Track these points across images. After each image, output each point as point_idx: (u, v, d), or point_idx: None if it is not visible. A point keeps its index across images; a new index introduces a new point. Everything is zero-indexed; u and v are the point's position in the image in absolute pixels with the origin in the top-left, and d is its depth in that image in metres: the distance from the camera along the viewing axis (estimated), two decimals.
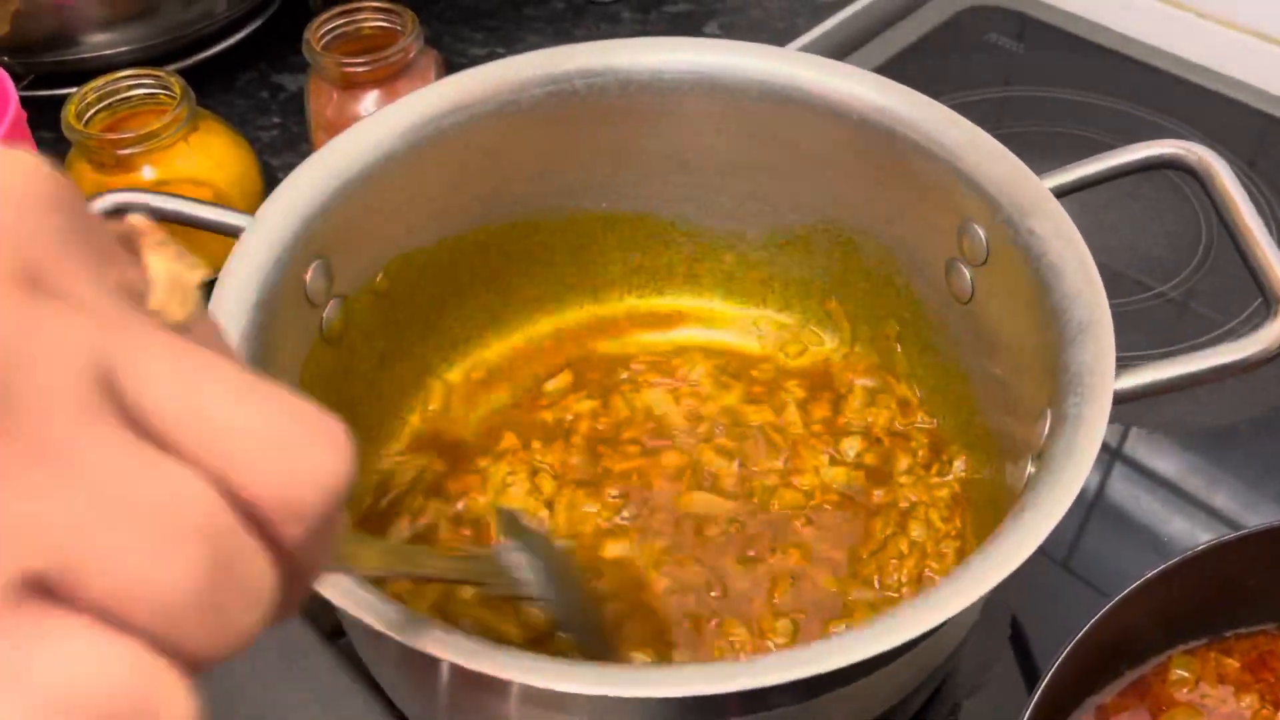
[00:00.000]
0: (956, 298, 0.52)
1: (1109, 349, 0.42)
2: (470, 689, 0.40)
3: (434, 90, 0.51)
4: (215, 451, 0.18)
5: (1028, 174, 0.48)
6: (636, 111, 0.54)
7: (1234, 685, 0.45)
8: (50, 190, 0.19)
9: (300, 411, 0.20)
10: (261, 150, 0.74)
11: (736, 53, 0.53)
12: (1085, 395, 0.40)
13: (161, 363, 0.18)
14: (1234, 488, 0.58)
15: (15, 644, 0.16)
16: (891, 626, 0.35)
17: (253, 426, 0.19)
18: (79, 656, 0.17)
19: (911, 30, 0.84)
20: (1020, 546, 0.36)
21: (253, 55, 0.81)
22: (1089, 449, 0.39)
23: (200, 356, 0.19)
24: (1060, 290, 0.44)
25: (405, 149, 0.50)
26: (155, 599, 0.17)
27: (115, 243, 0.21)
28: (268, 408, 0.19)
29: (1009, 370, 0.49)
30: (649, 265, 0.60)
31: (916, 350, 0.56)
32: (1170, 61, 0.82)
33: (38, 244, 0.18)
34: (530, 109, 0.52)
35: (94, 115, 0.62)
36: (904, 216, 0.53)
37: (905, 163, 0.51)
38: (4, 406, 0.16)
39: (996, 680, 0.50)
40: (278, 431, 0.19)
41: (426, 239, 0.53)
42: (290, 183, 0.47)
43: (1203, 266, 0.68)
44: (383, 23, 0.68)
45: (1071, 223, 0.46)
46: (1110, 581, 0.54)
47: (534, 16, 0.86)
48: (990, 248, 0.48)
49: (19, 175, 0.19)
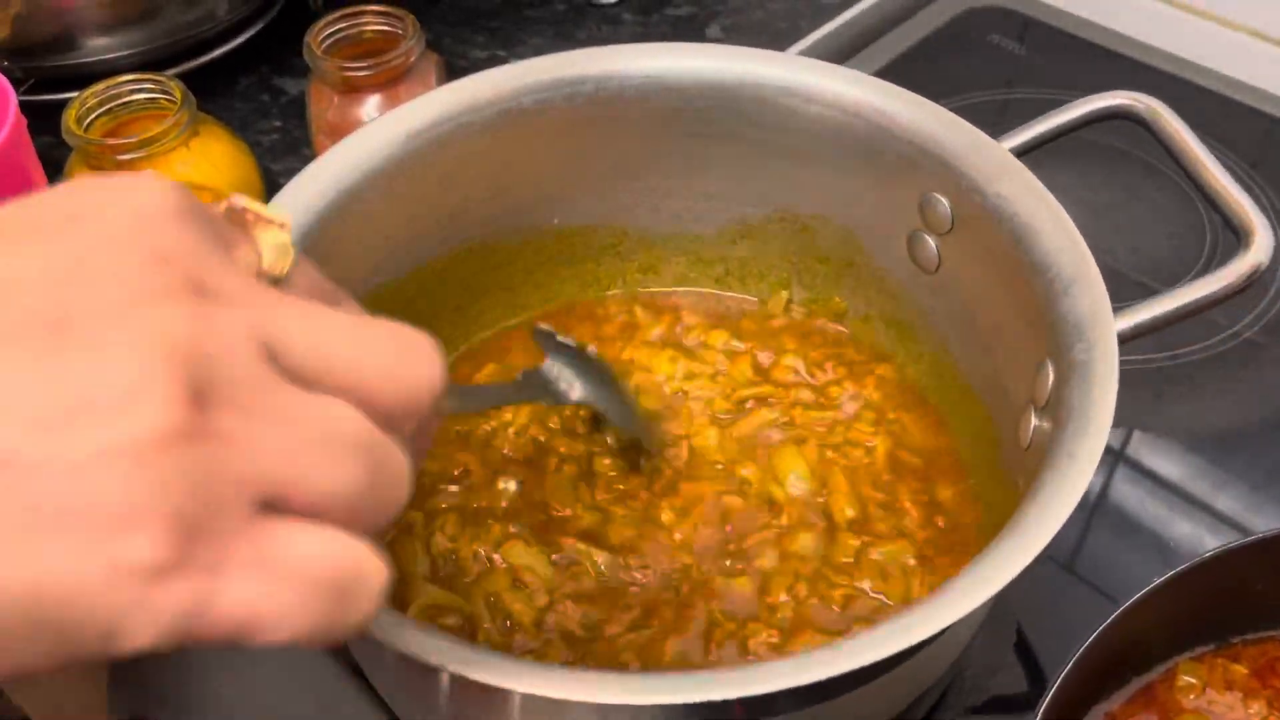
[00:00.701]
0: (923, 269, 0.53)
1: (1103, 295, 0.43)
2: (470, 697, 0.39)
3: (385, 122, 0.50)
4: (349, 383, 0.25)
5: (986, 140, 0.49)
6: (584, 122, 0.53)
7: (1242, 692, 0.45)
8: (185, 205, 0.25)
9: (398, 335, 0.26)
10: (262, 155, 0.74)
11: (680, 54, 0.53)
12: (1092, 340, 0.42)
13: (296, 326, 0.24)
14: (1239, 491, 0.58)
15: (263, 544, 0.23)
16: (907, 625, 0.34)
17: (369, 356, 0.25)
18: (306, 545, 0.23)
19: (914, 32, 0.84)
20: (1061, 504, 0.37)
21: (253, 59, 0.80)
22: (1108, 390, 0.40)
23: (315, 312, 0.25)
24: (1040, 247, 0.45)
25: (362, 186, 0.49)
26: (340, 499, 0.24)
27: (229, 227, 0.26)
28: (375, 340, 0.26)
29: (990, 331, 0.50)
30: (604, 277, 0.60)
31: (883, 325, 0.57)
32: (1172, 63, 0.82)
33: (195, 256, 0.24)
34: (481, 131, 0.52)
35: (94, 120, 0.62)
36: (862, 197, 0.54)
37: (863, 144, 0.51)
38: (210, 390, 0.22)
39: (1001, 687, 0.50)
40: (386, 357, 0.26)
41: (395, 272, 0.53)
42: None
43: (1208, 268, 0.68)
44: (384, 26, 0.67)
45: (1038, 181, 0.47)
46: (1115, 586, 0.54)
47: (535, 19, 0.86)
48: (955, 215, 0.49)
49: (162, 200, 0.24)
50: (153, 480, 0.21)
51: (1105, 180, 0.73)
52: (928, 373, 0.55)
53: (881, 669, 0.35)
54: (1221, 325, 0.65)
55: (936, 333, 0.54)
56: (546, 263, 0.58)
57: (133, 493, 0.21)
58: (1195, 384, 0.62)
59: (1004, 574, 0.35)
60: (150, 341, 0.22)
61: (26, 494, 0.21)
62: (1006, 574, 0.35)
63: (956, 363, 0.53)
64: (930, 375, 0.55)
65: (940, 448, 0.54)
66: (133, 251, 0.23)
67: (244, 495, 0.23)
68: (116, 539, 0.21)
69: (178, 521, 0.21)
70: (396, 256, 0.53)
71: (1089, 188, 0.72)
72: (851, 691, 0.38)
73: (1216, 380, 0.63)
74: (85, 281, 0.22)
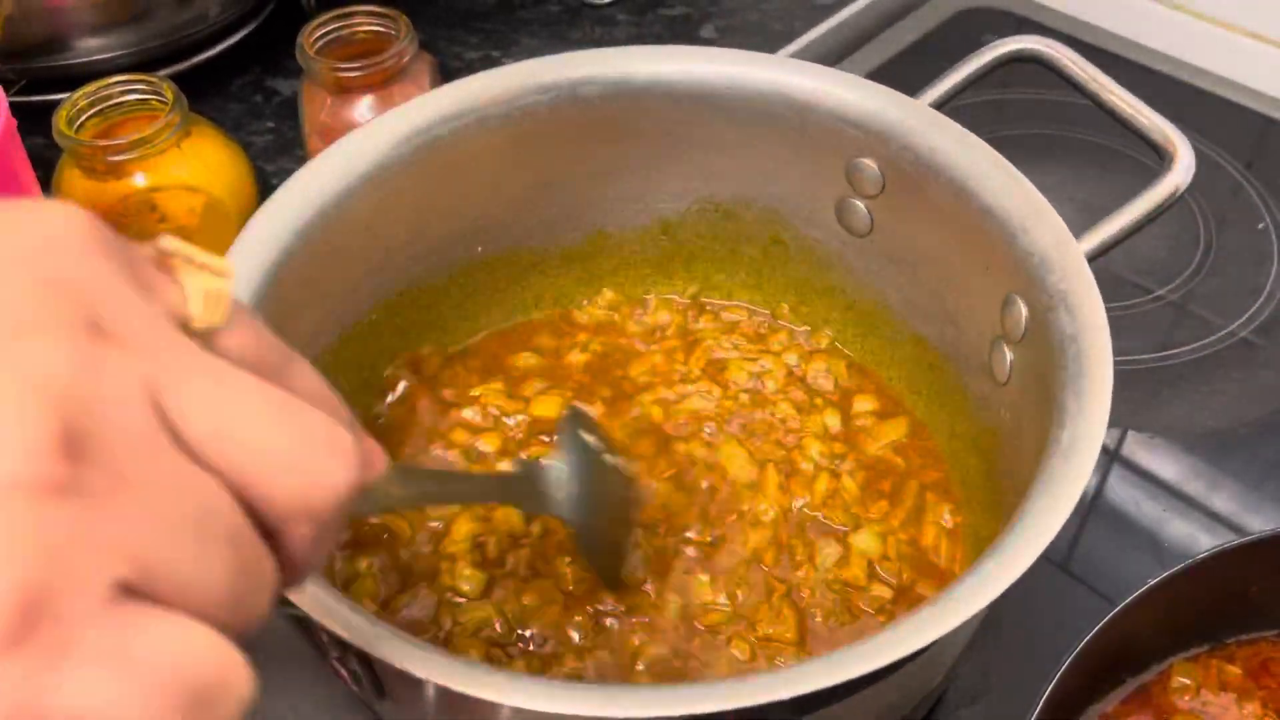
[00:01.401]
0: (854, 233, 0.54)
1: (1063, 229, 0.45)
2: (458, 709, 0.39)
3: (351, 142, 0.49)
4: (239, 466, 0.22)
5: (908, 100, 0.50)
6: (495, 150, 0.52)
7: (1236, 692, 0.45)
8: (97, 236, 0.22)
9: (314, 426, 0.23)
10: (255, 156, 0.73)
11: (586, 64, 0.52)
12: (1065, 270, 0.43)
13: (199, 387, 0.22)
14: (1234, 491, 0.58)
15: (118, 634, 0.20)
16: (915, 627, 0.34)
17: (272, 444, 0.22)
18: (168, 638, 0.20)
19: (908, 32, 0.84)
20: (1076, 474, 0.37)
21: (246, 60, 0.80)
22: (1096, 312, 0.41)
23: (230, 379, 0.23)
24: (985, 193, 0.47)
25: (332, 211, 0.48)
26: (206, 595, 0.21)
27: (154, 269, 0.23)
28: (286, 425, 0.23)
29: (937, 280, 0.51)
30: (531, 299, 0.59)
31: (816, 295, 0.57)
32: (1167, 63, 0.82)
33: (96, 291, 0.21)
34: (402, 168, 0.50)
35: (85, 121, 0.62)
36: (785, 174, 0.54)
37: (782, 122, 0.52)
38: (87, 442, 0.19)
39: (996, 688, 0.50)
40: (293, 448, 0.23)
41: (363, 304, 0.52)
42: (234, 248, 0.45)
43: (1201, 269, 0.68)
44: (377, 27, 0.67)
45: (968, 131, 0.48)
46: (1110, 586, 0.54)
47: (529, 20, 0.85)
48: (886, 177, 0.51)
49: (68, 227, 0.22)
50: (1, 534, 0.18)
51: (1099, 179, 0.73)
52: (869, 338, 0.57)
53: (873, 679, 0.34)
54: (1216, 325, 0.65)
55: (874, 292, 0.55)
56: (475, 294, 0.57)
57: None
58: (1190, 384, 0.62)
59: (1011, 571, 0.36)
60: (28, 377, 0.19)
61: None
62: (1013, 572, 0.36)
63: (900, 318, 0.54)
64: (873, 339, 0.57)
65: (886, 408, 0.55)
66: (25, 279, 0.21)
67: (105, 570, 0.19)
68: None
69: (22, 591, 0.18)
70: (371, 280, 0.52)
71: (1083, 187, 0.72)
72: (842, 701, 0.38)
73: (1211, 380, 0.62)
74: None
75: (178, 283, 0.24)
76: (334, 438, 0.24)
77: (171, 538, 0.21)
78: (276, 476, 0.22)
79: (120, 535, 0.20)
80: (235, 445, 0.22)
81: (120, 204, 0.61)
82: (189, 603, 0.21)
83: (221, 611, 0.21)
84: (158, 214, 0.62)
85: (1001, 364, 0.47)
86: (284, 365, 0.26)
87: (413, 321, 0.55)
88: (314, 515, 0.23)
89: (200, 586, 0.21)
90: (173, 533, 0.21)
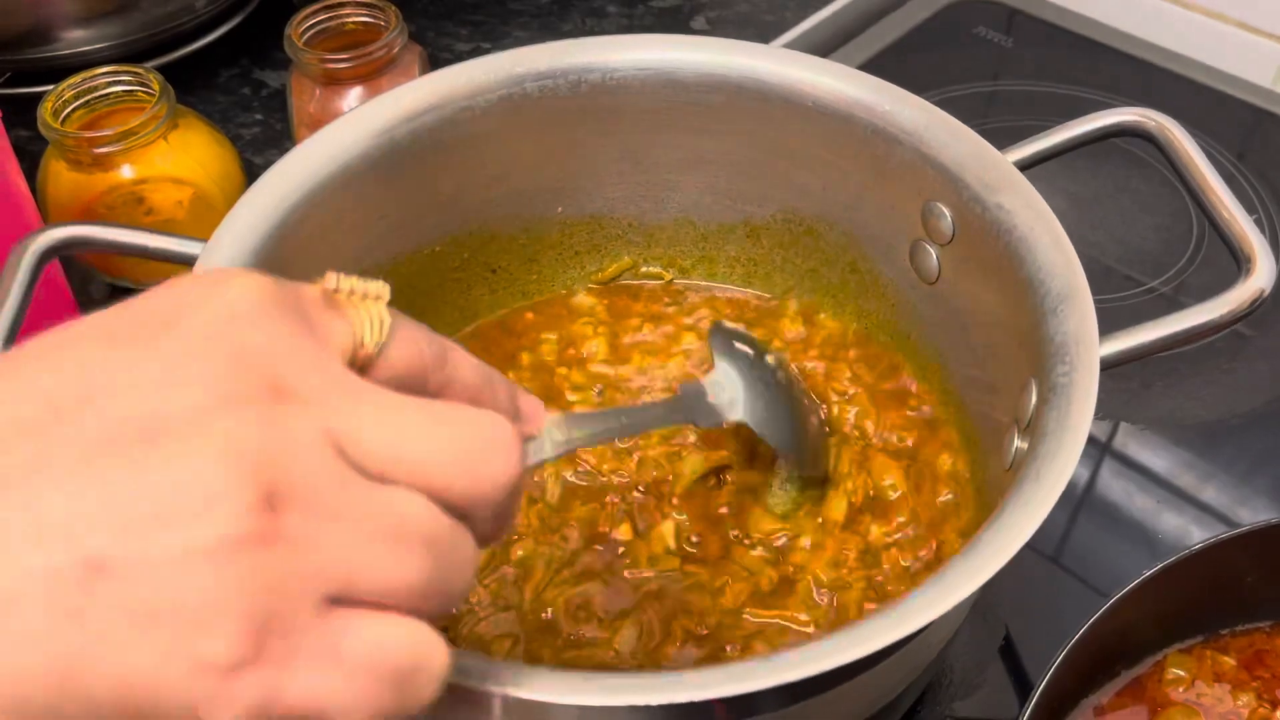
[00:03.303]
0: (924, 279, 0.52)
1: (1090, 316, 0.42)
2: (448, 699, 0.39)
3: (385, 101, 0.50)
4: (420, 476, 0.26)
5: (991, 150, 0.48)
6: (589, 111, 0.53)
7: (1230, 683, 0.45)
8: (273, 299, 0.26)
9: (471, 431, 0.27)
10: (243, 148, 0.73)
11: (685, 47, 0.52)
12: (1074, 364, 0.41)
13: (370, 420, 0.26)
14: (1224, 483, 0.58)
15: (329, 638, 0.24)
16: (902, 616, 0.34)
17: (438, 455, 0.26)
18: (370, 633, 0.25)
19: (900, 24, 0.84)
20: (1028, 518, 0.36)
21: (234, 51, 0.80)
22: (1083, 417, 0.39)
23: (393, 406, 0.26)
24: (1034, 262, 0.44)
25: (357, 165, 0.48)
26: (405, 589, 0.25)
27: (322, 309, 0.27)
28: (449, 433, 0.27)
29: (983, 348, 0.49)
30: (608, 267, 0.59)
31: (886, 335, 0.56)
32: (1158, 54, 0.82)
33: (275, 355, 0.25)
34: (483, 114, 0.51)
35: (71, 113, 0.61)
36: (864, 202, 0.53)
37: (867, 148, 0.51)
38: (283, 492, 0.24)
39: (989, 681, 0.50)
40: (460, 450, 0.27)
41: (383, 257, 0.52)
42: (240, 208, 0.45)
43: (1194, 261, 0.68)
44: (366, 18, 0.67)
45: (1039, 196, 0.46)
46: (1102, 578, 0.54)
47: (519, 11, 0.85)
48: (956, 226, 0.49)
49: (247, 295, 0.26)
50: (228, 582, 0.23)
51: (1091, 171, 0.73)
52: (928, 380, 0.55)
53: (856, 669, 0.34)
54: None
55: (932, 345, 0.53)
56: (548, 250, 0.58)
57: (210, 594, 0.23)
58: (1182, 376, 0.62)
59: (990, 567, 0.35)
60: (227, 449, 0.23)
61: (118, 596, 0.22)
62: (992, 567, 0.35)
63: (951, 376, 0.52)
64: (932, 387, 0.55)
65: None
66: (218, 356, 0.25)
67: (312, 591, 0.24)
68: (197, 637, 0.23)
69: (251, 620, 0.23)
70: (394, 236, 0.52)
71: (1075, 179, 0.72)
72: (829, 691, 0.38)
73: (1203, 372, 0.62)
74: (174, 386, 0.24)
75: (345, 318, 0.27)
76: (491, 435, 0.27)
77: (366, 551, 0.25)
78: (449, 481, 0.26)
79: (320, 561, 0.24)
80: (410, 463, 0.26)
81: (106, 196, 0.61)
82: (391, 599, 0.25)
83: (422, 600, 0.26)
84: (145, 206, 0.62)
85: (1009, 449, 0.44)
86: (443, 355, 0.30)
87: (479, 263, 0.56)
88: (489, 500, 0.27)
89: (399, 584, 0.25)
90: (366, 546, 0.25)
